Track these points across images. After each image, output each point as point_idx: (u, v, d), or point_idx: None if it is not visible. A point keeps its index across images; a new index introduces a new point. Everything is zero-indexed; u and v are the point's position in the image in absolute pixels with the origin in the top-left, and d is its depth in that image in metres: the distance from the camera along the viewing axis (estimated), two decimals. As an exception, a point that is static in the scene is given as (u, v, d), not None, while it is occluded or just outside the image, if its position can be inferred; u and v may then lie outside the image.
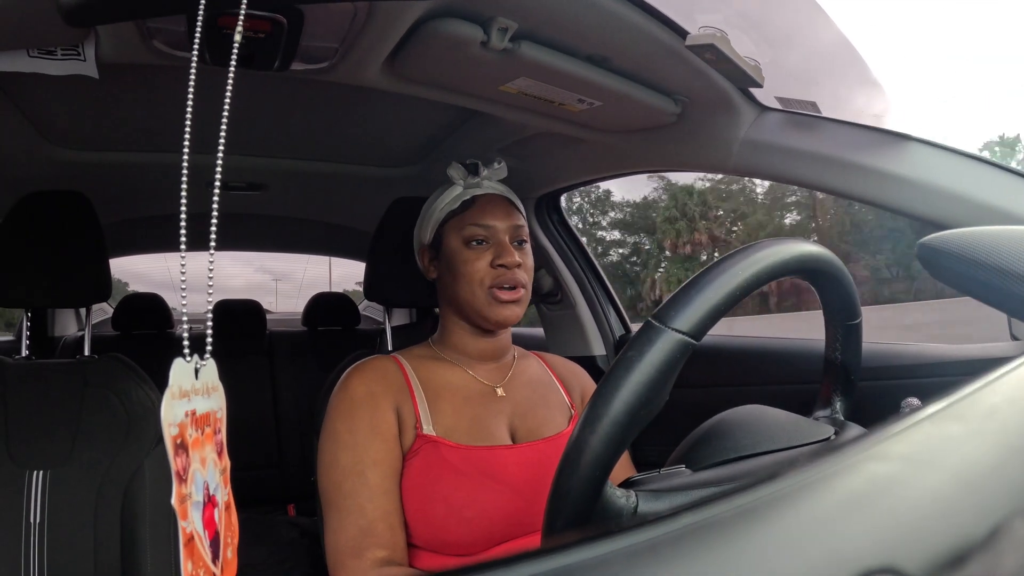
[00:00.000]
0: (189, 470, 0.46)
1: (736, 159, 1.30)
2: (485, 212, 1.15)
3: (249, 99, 1.44)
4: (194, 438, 0.47)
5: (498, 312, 1.12)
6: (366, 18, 0.97)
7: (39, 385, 1.27)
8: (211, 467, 0.49)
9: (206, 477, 0.48)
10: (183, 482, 0.46)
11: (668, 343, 0.58)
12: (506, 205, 1.17)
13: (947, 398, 0.42)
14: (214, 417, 0.50)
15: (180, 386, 0.46)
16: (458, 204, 1.17)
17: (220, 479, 0.50)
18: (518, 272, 1.13)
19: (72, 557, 1.19)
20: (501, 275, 1.12)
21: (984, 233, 0.69)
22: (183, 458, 0.46)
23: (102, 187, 1.81)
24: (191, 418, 0.47)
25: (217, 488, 0.50)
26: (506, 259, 1.11)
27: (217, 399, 0.50)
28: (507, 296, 1.12)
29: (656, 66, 1.16)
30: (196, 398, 0.48)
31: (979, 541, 0.31)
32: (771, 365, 1.57)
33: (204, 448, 0.48)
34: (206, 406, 0.49)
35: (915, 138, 1.14)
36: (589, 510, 0.59)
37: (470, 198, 1.17)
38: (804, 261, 0.69)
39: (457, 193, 1.19)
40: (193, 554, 0.46)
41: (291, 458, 2.82)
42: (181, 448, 0.46)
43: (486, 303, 1.12)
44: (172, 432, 0.45)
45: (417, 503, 1.02)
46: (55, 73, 0.95)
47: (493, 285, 1.12)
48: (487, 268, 1.12)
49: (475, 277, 1.12)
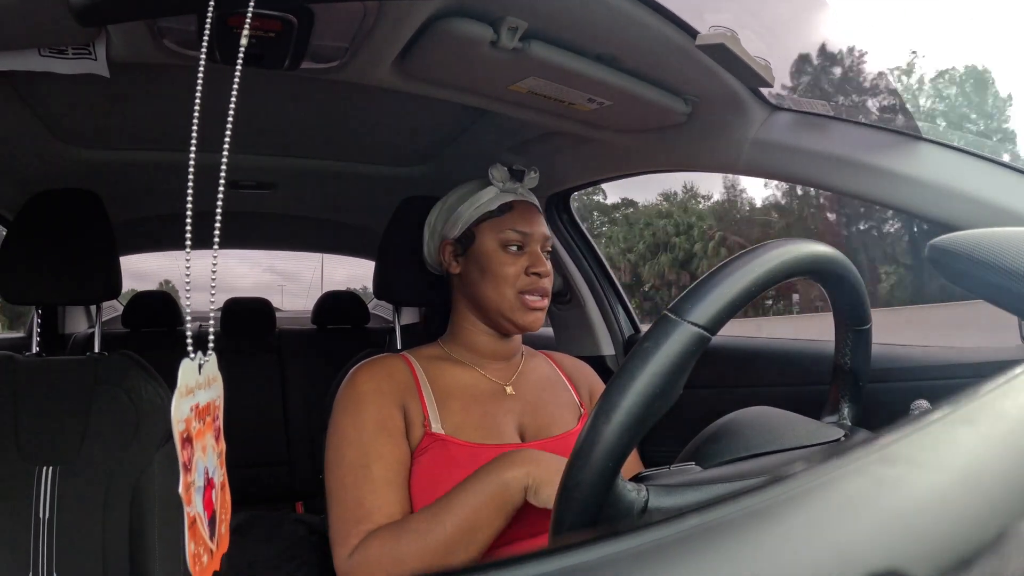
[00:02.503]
0: (193, 459, 0.48)
1: (746, 159, 1.30)
2: (524, 219, 1.17)
3: (259, 98, 1.45)
4: (197, 429, 0.49)
5: (525, 317, 1.15)
6: (376, 17, 0.97)
7: (49, 382, 1.28)
8: (210, 452, 0.51)
9: (206, 463, 0.50)
10: (188, 471, 0.48)
11: (684, 335, 0.58)
12: (539, 215, 1.21)
13: (957, 401, 0.42)
14: (214, 406, 0.51)
15: (187, 384, 0.48)
16: (495, 206, 1.19)
17: (217, 461, 0.52)
18: (546, 281, 1.17)
19: (81, 552, 1.19)
20: (533, 283, 1.15)
21: (995, 235, 0.69)
22: (189, 450, 0.47)
23: (113, 185, 1.82)
24: (195, 411, 0.48)
25: (215, 471, 0.52)
26: (540, 268, 1.15)
27: (216, 388, 0.52)
28: (535, 303, 1.15)
29: (666, 65, 1.16)
30: (199, 392, 0.49)
31: (986, 544, 0.31)
32: (780, 367, 1.56)
33: (205, 436, 0.50)
34: (207, 397, 0.50)
35: (926, 139, 1.13)
36: (600, 503, 0.58)
37: (508, 203, 1.19)
38: (816, 263, 0.69)
39: (494, 195, 1.20)
40: (195, 535, 0.48)
41: (300, 456, 2.82)
42: (187, 441, 0.47)
43: (515, 307, 1.14)
44: (180, 428, 0.47)
45: (425, 500, 1.02)
46: (66, 72, 0.96)
47: (524, 291, 1.14)
48: (520, 273, 1.15)
49: (508, 281, 1.15)
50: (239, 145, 1.77)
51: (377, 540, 0.96)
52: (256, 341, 2.95)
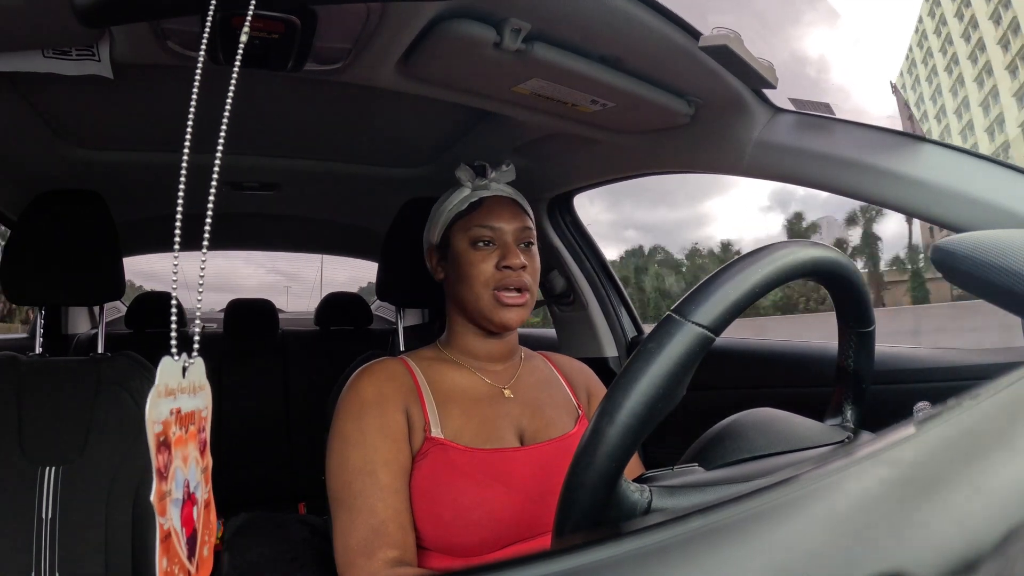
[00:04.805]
0: (171, 467, 0.46)
1: (749, 161, 1.30)
2: (491, 214, 1.15)
3: (262, 99, 1.45)
4: (177, 436, 0.47)
5: (502, 315, 1.12)
6: (379, 19, 0.97)
7: (53, 382, 1.28)
8: (193, 465, 0.49)
9: (187, 475, 0.48)
10: (164, 479, 0.46)
11: (688, 336, 0.58)
12: (513, 207, 1.18)
13: (960, 403, 0.42)
14: (199, 416, 0.49)
15: (167, 384, 0.46)
16: (465, 206, 1.17)
17: (201, 477, 0.50)
18: (523, 274, 1.13)
19: (83, 553, 1.19)
20: (506, 277, 1.12)
21: (999, 236, 0.69)
22: (165, 455, 0.46)
23: (117, 186, 1.82)
24: (176, 416, 0.47)
25: (198, 486, 0.49)
26: (511, 260, 1.12)
27: (203, 398, 0.50)
28: (511, 299, 1.12)
29: (669, 67, 1.16)
30: (182, 396, 0.48)
31: (990, 547, 0.31)
32: (783, 369, 1.56)
33: (187, 446, 0.48)
34: (191, 405, 0.48)
35: (930, 140, 1.13)
36: (603, 504, 0.58)
37: (477, 200, 1.17)
38: (820, 264, 0.68)
39: (465, 195, 1.19)
40: (169, 551, 0.46)
41: (302, 457, 2.82)
42: (163, 445, 0.46)
43: (490, 305, 1.12)
44: (156, 429, 0.45)
45: (425, 505, 1.02)
46: (70, 73, 0.96)
47: (497, 287, 1.12)
48: (492, 270, 1.13)
49: (480, 279, 1.12)
50: (242, 146, 1.77)
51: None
52: (259, 342, 2.95)
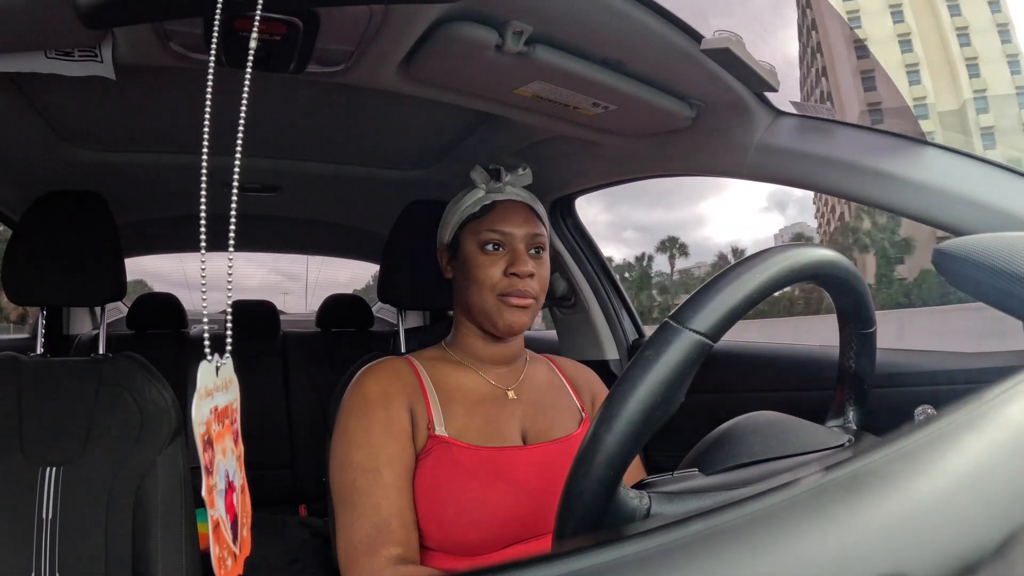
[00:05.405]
0: (215, 462, 0.48)
1: (751, 164, 1.30)
2: (503, 218, 1.14)
3: (264, 101, 1.45)
4: (217, 432, 0.49)
5: (505, 318, 1.12)
6: (381, 21, 0.97)
7: (53, 383, 1.28)
8: (230, 455, 0.51)
9: (226, 466, 0.50)
10: (210, 474, 0.47)
11: (686, 343, 0.58)
12: (526, 212, 1.17)
13: (962, 406, 0.42)
14: (231, 408, 0.51)
15: (206, 386, 0.48)
16: (477, 208, 1.17)
17: (236, 465, 0.52)
18: (530, 282, 1.12)
19: (83, 554, 1.19)
20: (513, 284, 1.12)
21: (1000, 239, 0.69)
22: (210, 453, 0.47)
23: (118, 187, 1.82)
24: (214, 414, 0.49)
25: (235, 474, 0.51)
26: (519, 267, 1.11)
27: (233, 391, 0.52)
28: (516, 301, 1.11)
29: (671, 70, 1.16)
30: (218, 394, 0.49)
31: (990, 550, 0.31)
32: (784, 372, 1.56)
33: (224, 439, 0.50)
34: (225, 400, 0.50)
35: (931, 143, 1.13)
36: (602, 510, 0.58)
37: (490, 203, 1.17)
38: (820, 267, 0.68)
39: (478, 197, 1.18)
40: (220, 539, 0.48)
41: (303, 459, 2.82)
42: (208, 444, 0.47)
43: (495, 309, 1.12)
44: (200, 431, 0.47)
45: (428, 504, 1.02)
46: (72, 74, 0.96)
47: (503, 294, 1.12)
48: (499, 275, 1.12)
49: (486, 283, 1.12)
50: (244, 148, 1.77)
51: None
52: (260, 344, 2.95)
